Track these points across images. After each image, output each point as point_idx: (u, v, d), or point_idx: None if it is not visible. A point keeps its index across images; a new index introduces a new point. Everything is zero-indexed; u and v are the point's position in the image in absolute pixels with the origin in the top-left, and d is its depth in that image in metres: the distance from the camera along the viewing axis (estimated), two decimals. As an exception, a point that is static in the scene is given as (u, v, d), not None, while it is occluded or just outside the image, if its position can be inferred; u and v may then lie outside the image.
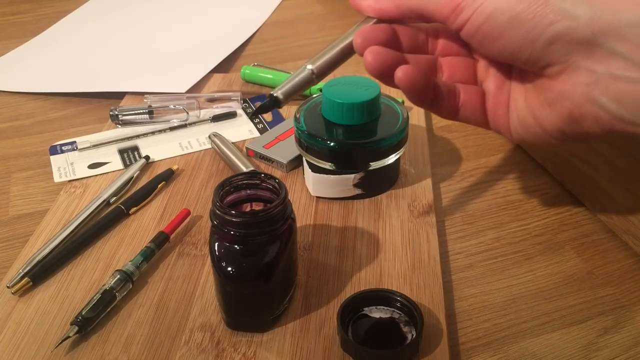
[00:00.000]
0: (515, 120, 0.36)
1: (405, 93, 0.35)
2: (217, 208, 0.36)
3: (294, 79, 0.37)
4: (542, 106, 0.34)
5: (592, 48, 0.30)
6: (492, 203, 0.50)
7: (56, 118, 0.66)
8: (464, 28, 0.34)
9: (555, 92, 0.33)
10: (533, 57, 0.32)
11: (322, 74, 0.37)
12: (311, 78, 0.37)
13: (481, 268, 0.44)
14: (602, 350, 0.38)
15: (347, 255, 0.44)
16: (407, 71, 0.34)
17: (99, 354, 0.37)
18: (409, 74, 0.34)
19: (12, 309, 0.41)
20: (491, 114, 0.38)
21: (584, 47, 0.31)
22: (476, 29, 0.33)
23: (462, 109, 0.37)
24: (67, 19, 0.92)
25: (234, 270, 0.36)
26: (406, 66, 0.35)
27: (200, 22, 0.88)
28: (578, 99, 0.32)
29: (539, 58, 0.32)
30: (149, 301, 0.41)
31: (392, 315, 0.38)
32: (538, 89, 0.35)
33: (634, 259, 0.45)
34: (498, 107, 0.37)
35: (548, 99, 0.34)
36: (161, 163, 0.56)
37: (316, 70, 0.37)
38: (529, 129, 0.36)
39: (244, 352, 0.37)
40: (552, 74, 0.33)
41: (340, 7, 0.94)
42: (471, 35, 0.34)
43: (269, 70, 0.69)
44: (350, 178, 0.48)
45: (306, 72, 0.37)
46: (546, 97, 0.34)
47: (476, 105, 0.38)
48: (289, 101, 0.37)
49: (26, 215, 0.51)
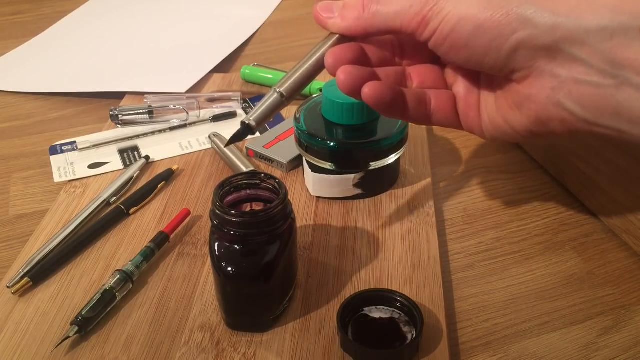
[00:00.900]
0: (487, 120, 0.37)
1: (374, 108, 0.36)
2: (217, 208, 0.36)
3: (264, 103, 0.37)
4: (511, 108, 0.35)
5: (554, 54, 0.31)
6: (492, 203, 0.50)
7: (56, 118, 0.66)
8: (432, 39, 0.34)
9: (522, 95, 0.34)
10: (498, 64, 0.33)
11: (291, 96, 0.38)
12: (281, 101, 0.37)
13: (481, 268, 0.44)
14: (602, 350, 0.38)
15: (347, 255, 0.44)
16: (373, 87, 0.35)
17: (99, 354, 0.37)
18: (375, 90, 0.35)
19: (12, 309, 0.41)
20: (463, 115, 0.39)
21: (547, 53, 0.31)
22: (443, 40, 0.34)
23: (434, 114, 0.38)
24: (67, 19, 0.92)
25: (234, 270, 0.36)
26: (372, 82, 0.35)
27: (200, 22, 0.88)
28: (544, 102, 0.33)
29: (504, 65, 0.33)
30: (149, 301, 0.41)
31: (392, 315, 0.38)
32: (506, 93, 0.36)
33: (634, 259, 0.45)
34: (469, 108, 0.38)
35: (516, 102, 0.35)
36: (161, 163, 0.56)
37: (285, 93, 0.37)
38: (499, 129, 0.37)
39: (244, 352, 0.37)
40: (518, 79, 0.34)
41: (340, 7, 0.93)
42: (439, 45, 0.34)
43: (269, 70, 0.69)
44: (350, 178, 0.48)
45: (275, 96, 0.37)
46: (514, 100, 0.35)
47: (448, 109, 0.38)
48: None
49: (26, 215, 0.51)
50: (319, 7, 0.37)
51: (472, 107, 0.38)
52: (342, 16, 0.36)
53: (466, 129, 0.39)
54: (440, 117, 0.39)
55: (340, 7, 0.37)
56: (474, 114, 0.38)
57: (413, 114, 0.37)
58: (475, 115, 0.38)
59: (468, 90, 0.38)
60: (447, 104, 0.38)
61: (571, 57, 0.31)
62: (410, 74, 0.39)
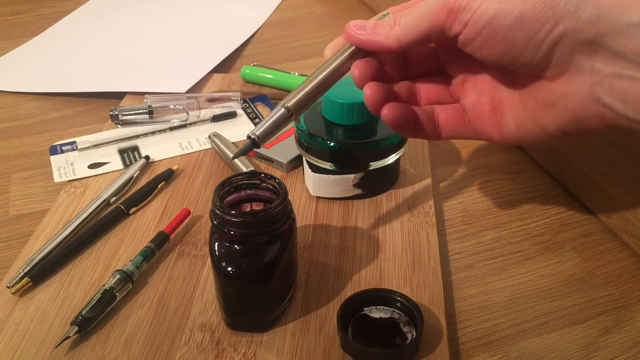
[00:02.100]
0: (511, 124, 0.36)
1: (390, 127, 0.37)
2: (217, 208, 0.36)
3: (271, 118, 0.37)
4: (542, 108, 0.34)
5: (595, 48, 0.30)
6: (492, 203, 0.50)
7: (56, 118, 0.66)
8: (463, 32, 0.33)
9: (556, 93, 0.33)
10: (536, 60, 0.32)
11: (298, 111, 0.38)
12: (288, 116, 0.38)
13: (481, 268, 0.44)
14: (602, 350, 0.38)
15: (347, 255, 0.44)
16: (392, 109, 0.37)
17: (99, 354, 0.37)
18: (394, 111, 0.37)
19: (12, 309, 0.41)
20: (475, 125, 0.38)
21: (588, 48, 0.31)
22: (476, 33, 0.33)
23: (444, 129, 0.39)
24: (67, 19, 0.92)
25: (234, 270, 0.36)
26: (391, 104, 0.37)
27: (200, 22, 0.88)
28: (582, 99, 0.32)
29: (541, 60, 0.32)
30: (149, 301, 0.41)
31: (392, 315, 0.38)
32: (535, 92, 0.35)
33: (634, 259, 0.45)
34: (481, 117, 0.38)
35: (548, 101, 0.34)
36: (161, 163, 0.56)
37: (293, 108, 0.37)
38: (527, 131, 0.36)
39: (244, 352, 0.37)
40: (552, 76, 0.33)
41: (340, 7, 0.94)
42: (470, 39, 0.33)
43: (269, 70, 0.69)
44: (350, 178, 0.48)
45: (282, 112, 0.37)
46: (546, 99, 0.34)
47: (456, 122, 0.39)
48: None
49: (26, 215, 0.51)
50: (352, 24, 0.37)
51: (485, 115, 0.38)
52: (374, 32, 0.36)
53: (482, 137, 0.39)
54: (449, 131, 0.39)
55: (372, 25, 0.37)
56: (487, 121, 0.38)
57: (423, 130, 0.38)
58: (490, 122, 0.38)
59: (476, 100, 0.38)
60: (455, 117, 0.39)
61: (612, 51, 0.30)
62: (419, 87, 0.40)
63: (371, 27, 0.37)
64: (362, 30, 0.37)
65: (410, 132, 0.38)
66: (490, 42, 0.33)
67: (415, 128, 0.38)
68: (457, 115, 0.39)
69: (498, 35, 0.32)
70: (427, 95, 0.40)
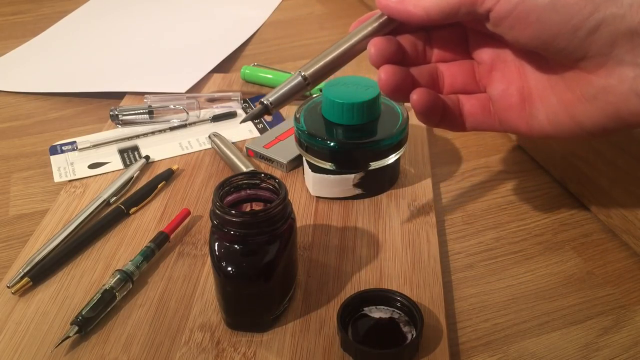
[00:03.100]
0: (542, 118, 0.34)
1: (419, 114, 0.36)
2: (217, 208, 0.36)
3: (286, 85, 0.36)
4: (580, 102, 0.32)
5: (637, 38, 0.28)
6: (492, 203, 0.50)
7: (56, 118, 0.66)
8: (495, 9, 0.31)
9: (596, 86, 0.31)
10: (571, 47, 0.30)
11: (315, 80, 0.36)
12: (303, 85, 0.36)
13: (481, 268, 0.44)
14: (602, 350, 0.38)
15: (347, 255, 0.44)
16: (421, 94, 0.35)
17: (99, 354, 0.37)
18: (423, 96, 0.35)
19: (12, 309, 0.41)
20: (501, 117, 0.37)
21: (629, 38, 0.28)
22: (509, 11, 0.31)
23: (469, 120, 0.37)
24: (68, 19, 0.92)
25: (234, 270, 0.36)
26: (421, 89, 0.35)
27: (200, 22, 0.88)
28: (625, 94, 0.30)
29: (577, 48, 0.30)
30: (149, 301, 0.41)
31: (392, 315, 0.38)
32: (572, 84, 0.32)
33: (634, 259, 0.45)
34: (507, 109, 0.36)
35: (587, 95, 0.31)
36: (161, 163, 0.56)
37: (309, 76, 0.36)
38: (560, 125, 0.34)
39: (244, 352, 0.37)
40: (590, 67, 0.31)
41: (340, 7, 0.94)
42: (502, 17, 0.31)
43: (269, 70, 0.69)
44: (350, 178, 0.48)
45: (299, 80, 0.36)
46: (584, 92, 0.32)
47: (481, 113, 0.37)
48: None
49: (26, 215, 0.51)
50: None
51: (513, 106, 0.36)
52: (404, 1, 0.35)
53: (508, 129, 0.37)
54: (473, 122, 0.37)
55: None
56: (515, 113, 0.36)
57: (448, 120, 0.37)
58: (518, 114, 0.36)
59: (505, 90, 0.36)
60: (480, 107, 0.37)
61: None
62: (442, 72, 0.38)
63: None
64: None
65: (435, 121, 0.36)
66: (523, 22, 0.31)
67: (441, 117, 0.36)
68: (482, 106, 0.37)
69: (531, 15, 0.30)
70: (451, 83, 0.38)
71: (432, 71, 0.38)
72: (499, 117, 0.37)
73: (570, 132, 0.34)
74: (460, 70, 0.38)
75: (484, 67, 0.37)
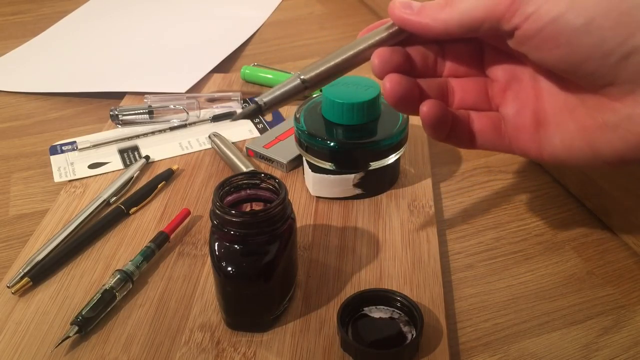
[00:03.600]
0: (556, 143, 0.33)
1: (427, 127, 0.34)
2: (217, 208, 0.36)
3: (283, 87, 0.35)
4: (600, 130, 0.31)
5: None
6: (492, 203, 0.50)
7: (56, 118, 0.66)
8: (522, 27, 0.30)
9: (620, 115, 0.30)
10: (601, 71, 0.29)
11: (313, 85, 0.35)
12: (301, 88, 0.35)
13: (481, 268, 0.44)
14: (602, 350, 0.38)
15: (347, 255, 0.44)
16: (431, 105, 0.33)
17: (99, 354, 0.37)
18: (433, 108, 0.33)
19: (12, 309, 0.41)
20: (512, 138, 0.35)
21: None
22: (538, 30, 0.29)
23: (478, 138, 0.36)
24: (68, 19, 0.92)
25: (234, 270, 0.36)
26: (431, 101, 0.33)
27: (200, 22, 0.88)
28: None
29: (607, 73, 0.28)
30: (149, 301, 0.41)
31: (392, 315, 0.38)
32: (594, 110, 0.31)
33: (634, 259, 0.45)
34: (520, 131, 0.35)
35: (609, 122, 0.30)
36: (161, 163, 0.56)
37: (308, 80, 0.35)
38: (575, 153, 0.32)
39: (244, 352, 0.37)
40: (617, 94, 0.29)
41: (340, 7, 0.94)
42: (529, 37, 0.30)
43: (269, 70, 0.69)
44: (350, 178, 0.48)
45: (297, 83, 0.35)
46: (606, 120, 0.30)
47: (491, 132, 0.36)
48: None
49: (26, 215, 0.51)
50: (397, 1, 0.34)
51: (526, 129, 0.34)
52: (420, 12, 0.33)
53: (517, 152, 0.36)
54: (482, 141, 0.36)
55: (420, 5, 0.34)
56: (527, 136, 0.34)
57: (457, 136, 0.35)
58: (530, 137, 0.34)
59: (519, 111, 0.34)
60: (491, 126, 0.35)
61: None
62: (453, 87, 0.36)
63: (418, 6, 0.33)
64: (408, 9, 0.34)
65: (443, 135, 0.35)
66: (551, 43, 0.29)
67: (450, 132, 0.35)
68: (493, 125, 0.35)
69: (562, 36, 0.29)
70: (462, 98, 0.36)
71: (442, 85, 0.36)
72: (509, 138, 0.35)
73: (585, 160, 0.32)
74: (472, 87, 0.36)
75: (498, 85, 0.36)
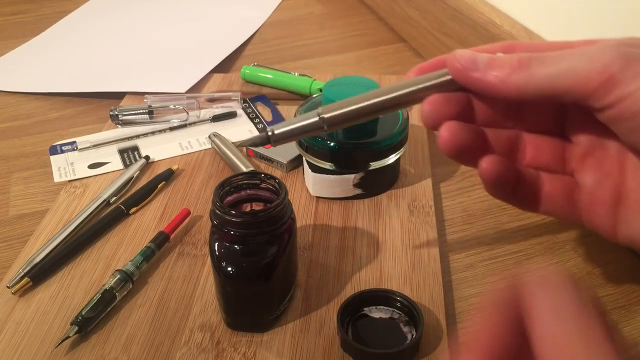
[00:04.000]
0: (635, 225, 0.30)
1: (487, 185, 0.31)
2: (217, 208, 0.36)
3: (299, 122, 0.32)
4: None
5: None
6: (492, 203, 0.50)
7: (56, 118, 0.66)
8: (616, 107, 0.27)
9: None
10: None
11: (332, 125, 0.32)
12: (319, 126, 0.32)
13: (481, 268, 0.44)
14: (602, 350, 0.38)
15: (347, 255, 0.44)
16: (492, 162, 0.30)
17: (99, 354, 0.37)
18: (495, 166, 0.30)
19: (12, 309, 0.41)
20: (586, 210, 0.32)
21: None
22: (634, 113, 0.26)
23: (545, 201, 0.32)
24: (67, 19, 0.92)
25: (234, 270, 0.36)
26: (492, 157, 0.30)
27: (200, 22, 0.88)
28: None
29: None
30: (149, 301, 0.41)
31: (392, 315, 0.38)
32: None
33: (634, 259, 0.45)
34: (597, 204, 0.31)
35: None
36: (161, 163, 0.56)
37: (328, 121, 0.31)
38: None
39: (244, 352, 0.37)
40: None
41: (340, 7, 0.93)
42: (623, 118, 0.27)
43: (269, 70, 0.69)
44: (350, 178, 0.48)
45: (315, 120, 0.32)
46: None
47: (562, 199, 0.32)
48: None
49: (26, 215, 0.51)
50: (459, 55, 0.30)
51: (603, 203, 0.31)
52: (487, 71, 0.29)
53: (588, 225, 0.32)
54: (552, 207, 0.32)
55: (486, 62, 0.29)
56: (603, 211, 0.31)
57: (521, 197, 0.32)
58: (606, 212, 0.31)
59: (599, 181, 0.31)
60: (564, 193, 0.32)
61: None
62: (525, 142, 0.32)
63: (485, 62, 0.29)
64: (472, 65, 0.29)
65: (505, 195, 0.31)
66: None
67: (513, 192, 0.31)
68: (566, 191, 0.32)
69: None
70: (534, 157, 0.32)
71: (512, 138, 0.32)
72: (582, 210, 0.32)
73: None
74: (548, 145, 0.32)
75: (579, 149, 0.32)
